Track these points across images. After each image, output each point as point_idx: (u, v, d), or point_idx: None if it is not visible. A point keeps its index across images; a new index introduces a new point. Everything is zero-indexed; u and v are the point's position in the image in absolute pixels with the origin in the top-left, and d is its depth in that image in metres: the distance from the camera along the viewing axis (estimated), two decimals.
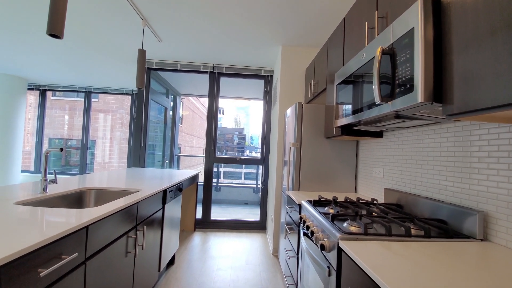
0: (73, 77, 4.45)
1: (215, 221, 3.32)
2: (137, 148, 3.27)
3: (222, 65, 3.25)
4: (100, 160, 8.15)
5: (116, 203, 1.18)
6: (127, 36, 2.57)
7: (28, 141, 7.13)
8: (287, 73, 2.64)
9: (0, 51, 3.19)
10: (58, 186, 1.51)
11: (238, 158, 3.38)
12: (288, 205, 1.81)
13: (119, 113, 8.33)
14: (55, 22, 1.22)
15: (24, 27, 2.46)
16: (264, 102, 3.42)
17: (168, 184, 1.87)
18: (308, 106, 1.91)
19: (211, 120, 3.29)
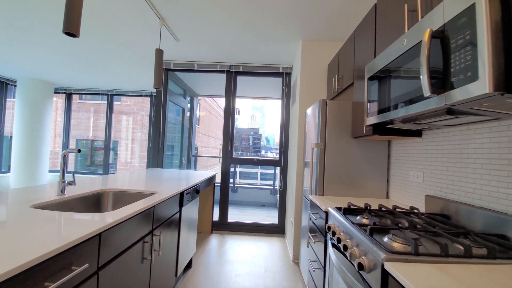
0: (96, 81, 4.62)
1: (232, 223, 3.24)
2: (156, 148, 3.29)
3: (239, 63, 3.16)
4: (123, 160, 8.47)
5: (130, 208, 1.13)
6: (145, 36, 2.56)
7: (57, 142, 7.57)
8: (307, 69, 2.49)
9: (28, 56, 3.36)
10: (76, 188, 1.49)
11: (256, 159, 3.28)
12: (311, 210, 1.67)
13: (139, 115, 8.60)
14: (70, 20, 1.19)
15: (50, 34, 2.54)
16: (282, 101, 3.29)
17: (185, 186, 1.81)
18: (332, 103, 1.76)
19: (228, 120, 3.22)
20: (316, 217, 1.49)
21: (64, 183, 1.34)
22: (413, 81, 0.95)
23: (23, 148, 4.58)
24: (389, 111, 1.13)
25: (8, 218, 0.88)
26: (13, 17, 2.29)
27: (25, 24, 2.41)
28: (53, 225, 0.84)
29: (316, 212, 1.54)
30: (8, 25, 2.45)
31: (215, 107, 17.99)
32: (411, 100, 0.96)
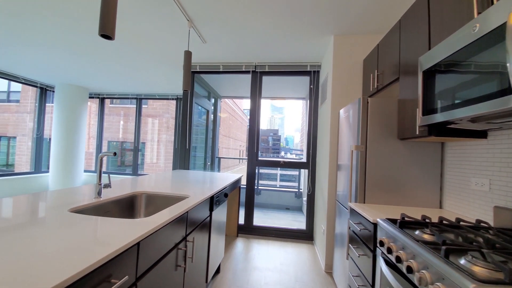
0: (126, 85, 4.82)
1: (258, 227, 3.16)
2: (183, 150, 3.31)
3: (265, 63, 3.08)
4: (149, 161, 8.82)
5: (166, 213, 1.08)
6: (173, 40, 2.58)
7: (91, 144, 8.08)
8: (340, 66, 2.33)
9: (65, 64, 3.58)
10: (111, 191, 1.50)
11: (282, 161, 3.17)
12: (352, 219, 1.52)
13: (165, 118, 8.91)
14: (106, 22, 1.19)
15: (85, 41, 2.67)
16: (309, 101, 3.14)
17: (215, 190, 1.76)
18: (374, 102, 1.59)
19: (253, 121, 3.15)
20: (359, 228, 1.34)
21: (101, 186, 1.34)
22: (491, 72, 0.78)
23: (60, 149, 4.91)
24: (453, 108, 0.97)
25: (47, 224, 0.87)
26: (51, 25, 2.43)
27: (62, 32, 2.55)
28: (91, 232, 0.81)
29: (359, 222, 1.40)
30: (46, 33, 2.61)
31: (235, 108, 18.16)
32: (490, 96, 0.79)
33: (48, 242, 0.71)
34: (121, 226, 0.89)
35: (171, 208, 1.17)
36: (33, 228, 0.81)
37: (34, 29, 2.52)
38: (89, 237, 0.76)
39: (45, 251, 0.65)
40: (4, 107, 8.79)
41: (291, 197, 4.94)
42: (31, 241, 0.71)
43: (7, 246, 0.67)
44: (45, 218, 0.92)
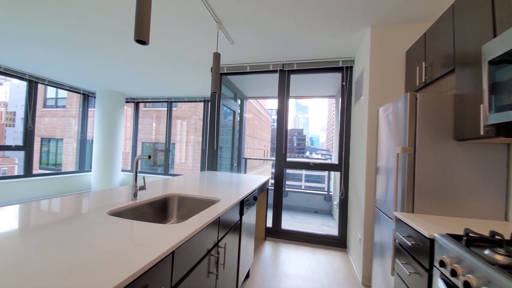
0: (158, 90, 5.06)
1: (286, 231, 3.06)
2: (211, 151, 3.35)
3: (293, 61, 2.98)
4: (178, 161, 9.20)
5: (199, 219, 1.06)
6: (201, 43, 2.61)
7: (127, 145, 8.68)
8: (378, 60, 2.14)
9: (104, 72, 3.85)
10: (146, 192, 1.53)
11: (312, 163, 3.03)
12: (399, 230, 1.36)
13: (193, 119, 9.22)
14: (141, 28, 1.20)
15: (122, 50, 2.83)
16: (341, 99, 2.96)
17: (244, 193, 1.71)
18: (425, 98, 1.41)
19: (281, 121, 3.06)
20: (410, 242, 1.19)
21: (137, 188, 1.38)
22: None
23: (101, 150, 5.33)
24: None
25: (88, 229, 0.89)
26: (92, 38, 2.61)
27: (100, 43, 2.73)
28: (128, 239, 0.81)
29: (409, 235, 1.24)
30: (87, 44, 2.82)
31: (259, 108, 18.17)
32: None
33: (87, 250, 0.71)
34: (156, 232, 0.88)
35: (204, 213, 1.15)
36: (74, 233, 0.83)
37: (77, 41, 2.74)
38: (126, 245, 0.75)
39: (83, 259, 0.65)
40: (52, 112, 9.85)
41: (319, 200, 4.74)
42: (71, 247, 0.72)
43: (47, 253, 0.68)
44: (86, 222, 0.95)
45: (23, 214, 1.01)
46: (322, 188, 25.61)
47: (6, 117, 33.02)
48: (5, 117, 33.03)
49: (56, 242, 0.74)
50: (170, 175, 5.80)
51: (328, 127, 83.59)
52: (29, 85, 4.27)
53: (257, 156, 17.90)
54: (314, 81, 3.85)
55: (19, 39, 2.78)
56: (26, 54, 3.28)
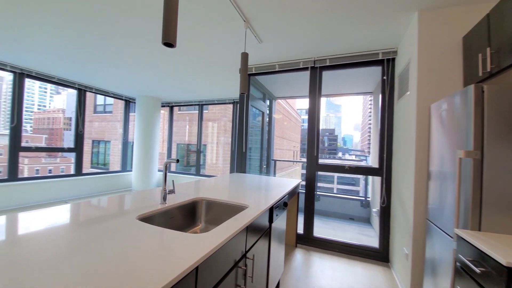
0: (190, 94, 5.25)
1: (319, 239, 2.86)
2: (240, 153, 3.32)
3: (325, 56, 2.78)
4: (210, 162, 9.49)
5: (226, 229, 0.98)
6: (229, 44, 2.58)
7: (163, 146, 9.23)
8: (428, 49, 1.85)
9: (142, 79, 4.09)
10: (175, 196, 1.53)
11: (348, 166, 2.78)
12: (463, 252, 1.12)
13: (222, 121, 9.42)
14: (168, 31, 1.19)
15: (156, 61, 2.96)
16: (381, 95, 2.67)
17: (274, 199, 1.61)
18: (495, 90, 1.14)
19: (312, 121, 2.88)
20: (478, 268, 0.95)
21: (166, 191, 1.37)
22: None
23: (140, 151, 5.72)
24: None
25: (115, 236, 0.87)
26: (131, 48, 2.77)
27: (138, 53, 2.89)
28: (153, 250, 0.77)
29: (475, 259, 1.00)
30: (126, 54, 3.00)
31: (288, 108, 17.86)
32: None
33: (104, 258, 0.68)
34: (181, 242, 0.82)
35: (231, 222, 1.07)
36: (99, 237, 0.82)
37: (119, 52, 2.94)
38: (147, 257, 0.71)
39: (96, 268, 0.62)
40: (102, 117, 10.98)
41: (355, 205, 4.38)
42: (90, 252, 0.70)
43: (64, 255, 0.66)
44: (113, 226, 0.94)
45: (57, 215, 1.05)
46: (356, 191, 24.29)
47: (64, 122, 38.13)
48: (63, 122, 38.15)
49: (80, 245, 0.73)
50: (202, 176, 5.97)
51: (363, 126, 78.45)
52: (78, 93, 4.77)
53: (286, 157, 17.60)
54: (348, 77, 3.58)
55: (68, 52, 3.09)
56: (75, 65, 3.65)
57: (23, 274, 0.57)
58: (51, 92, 72.79)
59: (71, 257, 0.67)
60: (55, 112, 46.28)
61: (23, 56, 3.32)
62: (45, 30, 2.51)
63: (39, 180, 4.19)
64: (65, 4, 2.05)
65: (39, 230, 0.86)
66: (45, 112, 49.92)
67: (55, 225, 0.92)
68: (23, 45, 2.95)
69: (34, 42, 2.84)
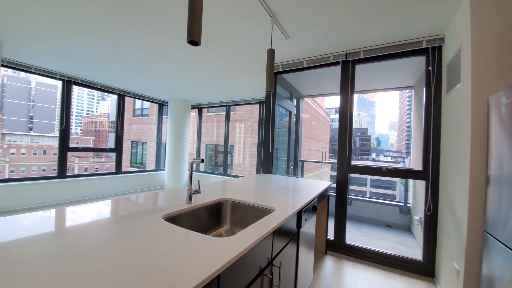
0: (218, 96, 5.36)
1: (352, 247, 2.65)
2: (266, 154, 3.25)
3: (359, 49, 2.57)
4: (237, 162, 9.60)
5: (250, 234, 0.92)
6: (254, 42, 2.54)
7: (194, 147, 9.59)
8: (483, 33, 1.57)
9: (174, 83, 4.27)
10: (201, 196, 1.52)
11: (385, 168, 2.53)
12: None
13: (249, 122, 9.47)
14: (192, 29, 1.17)
15: (187, 66, 3.06)
16: (425, 89, 2.38)
17: (303, 202, 1.50)
18: None
19: (344, 120, 2.69)
20: None
21: (191, 191, 1.36)
22: None
23: (172, 152, 6.00)
24: None
25: (139, 235, 0.87)
26: (162, 53, 2.89)
27: (169, 60, 3.00)
28: (177, 253, 0.73)
29: None
30: (156, 57, 3.14)
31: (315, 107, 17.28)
32: None
33: (125, 258, 0.66)
34: (204, 246, 0.78)
35: (256, 226, 1.01)
36: (123, 236, 0.81)
37: (152, 58, 3.10)
38: (171, 262, 0.68)
39: (114, 268, 0.59)
40: (140, 120, 11.85)
41: (393, 211, 4.01)
42: (111, 251, 0.69)
43: (85, 251, 0.66)
44: (139, 225, 0.94)
45: (92, 211, 1.09)
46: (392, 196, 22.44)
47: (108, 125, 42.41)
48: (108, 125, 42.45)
49: (105, 242, 0.73)
50: (229, 176, 6.04)
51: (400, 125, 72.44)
52: (118, 98, 5.18)
53: (314, 158, 17.03)
54: (384, 71, 3.28)
55: (109, 60, 3.35)
56: (115, 72, 3.95)
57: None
58: (97, 99, 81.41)
59: (104, 249, 0.67)
60: (101, 116, 51.54)
61: (69, 65, 3.69)
62: (88, 41, 2.74)
63: (84, 177, 4.64)
64: (107, 21, 2.20)
65: (78, 223, 0.90)
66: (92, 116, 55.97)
67: (91, 220, 0.96)
68: (69, 55, 3.28)
69: (79, 52, 3.14)
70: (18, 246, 0.70)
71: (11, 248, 0.69)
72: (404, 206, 3.94)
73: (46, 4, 2.08)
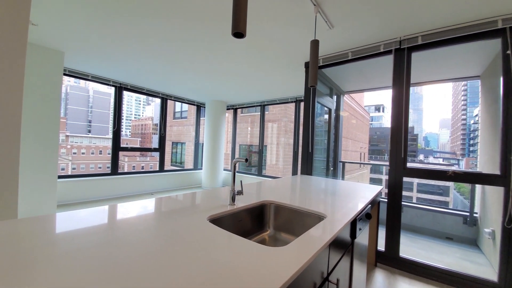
0: (253, 96, 5.34)
1: (407, 260, 2.33)
2: (304, 154, 3.08)
3: (416, 34, 2.24)
4: (269, 162, 9.51)
5: (305, 242, 0.80)
6: (294, 35, 2.40)
7: (228, 147, 9.82)
8: None
9: (211, 86, 4.37)
10: (243, 197, 1.45)
11: (451, 172, 2.16)
12: None
13: (283, 122, 9.30)
14: (238, 20, 1.11)
15: (223, 68, 3.08)
16: (502, 78, 1.95)
17: (356, 208, 1.33)
18: None
19: (399, 116, 2.37)
20: None
21: (234, 192, 1.30)
22: None
23: (208, 152, 6.18)
24: None
25: (182, 237, 0.82)
26: (199, 60, 2.95)
27: (207, 64, 3.05)
28: (220, 260, 0.66)
29: None
30: (195, 59, 3.22)
31: (353, 105, 16.22)
32: None
33: (169, 262, 0.60)
34: (252, 256, 0.69)
35: (310, 234, 0.89)
36: (170, 238, 0.77)
37: (192, 61, 3.19)
38: (217, 272, 0.60)
39: (157, 275, 0.53)
40: (179, 122, 12.61)
41: (455, 222, 3.45)
42: (153, 255, 0.64)
43: (128, 250, 0.61)
44: (186, 226, 0.90)
45: (143, 207, 1.10)
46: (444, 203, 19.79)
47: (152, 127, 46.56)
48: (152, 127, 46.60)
49: (155, 242, 0.69)
50: (264, 176, 5.97)
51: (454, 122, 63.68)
52: (161, 101, 5.52)
53: (351, 159, 15.97)
54: (442, 59, 2.83)
55: (153, 66, 3.56)
56: (159, 77, 4.20)
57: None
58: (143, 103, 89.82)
59: (153, 245, 0.63)
60: (146, 120, 56.71)
61: (121, 72, 4.03)
62: (139, 52, 2.93)
63: (132, 174, 5.05)
64: (158, 34, 2.32)
65: (128, 217, 0.90)
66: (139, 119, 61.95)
67: (141, 214, 0.95)
68: (122, 64, 3.57)
69: (130, 62, 3.39)
70: (75, 237, 0.71)
71: (70, 238, 0.70)
72: (469, 216, 3.36)
73: (110, 24, 2.27)
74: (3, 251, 0.63)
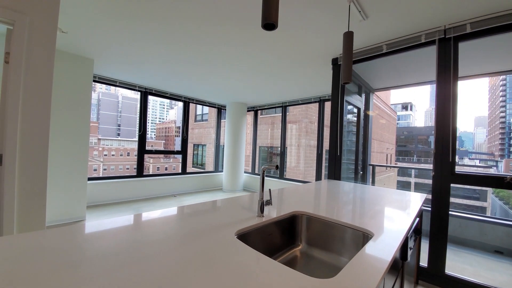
0: (273, 97, 5.21)
1: (453, 278, 2.03)
2: (332, 157, 2.88)
3: (464, 21, 1.96)
4: (289, 165, 9.28)
5: (361, 273, 0.65)
6: (322, 27, 2.23)
7: (248, 149, 9.78)
8: None
9: (231, 87, 4.31)
10: (271, 208, 1.32)
11: (510, 178, 1.84)
12: None
13: (303, 123, 9.02)
14: (269, 11, 0.99)
15: (243, 70, 2.99)
16: None
17: (405, 224, 1.13)
18: None
19: (445, 114, 2.09)
20: None
21: (263, 201, 1.18)
22: None
23: (229, 154, 6.15)
24: None
25: (208, 258, 0.70)
26: (219, 57, 2.89)
27: (226, 69, 2.99)
28: None
29: None
30: (216, 61, 3.16)
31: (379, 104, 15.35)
32: None
33: None
34: None
35: (359, 259, 0.73)
36: (193, 258, 0.66)
37: (212, 62, 3.15)
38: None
39: None
40: (200, 124, 12.84)
41: (506, 233, 3.01)
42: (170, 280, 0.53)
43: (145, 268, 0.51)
44: (212, 242, 0.79)
45: (164, 221, 1.01)
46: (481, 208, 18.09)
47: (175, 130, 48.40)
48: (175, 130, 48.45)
49: (178, 262, 0.58)
50: (285, 179, 5.79)
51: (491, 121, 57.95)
52: (184, 104, 5.60)
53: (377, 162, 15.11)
54: (481, 50, 2.46)
55: (176, 71, 3.58)
56: (182, 82, 4.23)
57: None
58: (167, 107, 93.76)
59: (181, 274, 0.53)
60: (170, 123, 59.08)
61: (146, 78, 4.13)
62: (164, 58, 2.95)
63: (156, 177, 5.16)
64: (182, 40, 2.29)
65: (152, 236, 0.81)
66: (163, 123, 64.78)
67: (167, 230, 0.87)
68: (147, 70, 3.64)
69: (155, 67, 3.44)
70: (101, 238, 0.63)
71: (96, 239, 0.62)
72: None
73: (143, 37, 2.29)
74: None
